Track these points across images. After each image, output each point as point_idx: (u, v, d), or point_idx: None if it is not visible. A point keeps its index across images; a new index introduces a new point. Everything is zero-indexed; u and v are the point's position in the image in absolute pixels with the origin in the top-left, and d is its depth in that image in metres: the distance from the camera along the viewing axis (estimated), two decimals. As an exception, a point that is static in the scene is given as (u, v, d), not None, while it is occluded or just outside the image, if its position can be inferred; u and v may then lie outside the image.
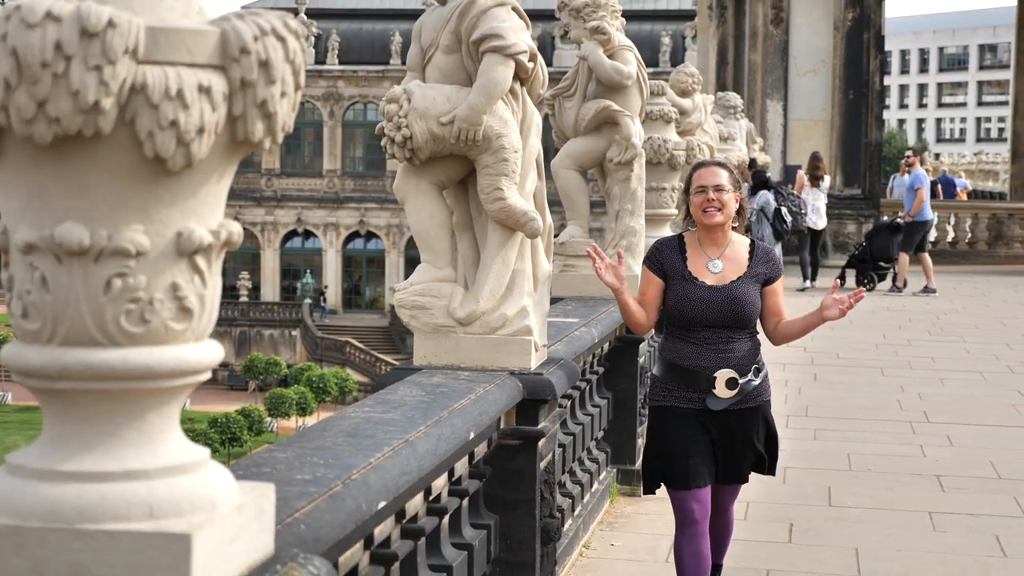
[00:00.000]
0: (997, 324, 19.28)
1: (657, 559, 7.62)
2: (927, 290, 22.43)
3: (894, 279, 22.90)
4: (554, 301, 6.50)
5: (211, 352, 2.81)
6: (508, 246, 5.92)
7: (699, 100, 15.41)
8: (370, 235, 75.59)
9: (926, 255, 22.78)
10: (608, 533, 8.18)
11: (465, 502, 5.59)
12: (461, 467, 5.32)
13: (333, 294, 75.09)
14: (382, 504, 3.94)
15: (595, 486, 8.41)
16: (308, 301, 72.24)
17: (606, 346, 8.71)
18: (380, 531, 4.29)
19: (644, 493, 6.36)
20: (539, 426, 5.87)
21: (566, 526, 7.38)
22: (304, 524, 3.41)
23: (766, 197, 19.58)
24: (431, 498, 4.94)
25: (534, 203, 6.11)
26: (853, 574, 7.52)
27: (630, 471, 9.08)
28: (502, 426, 5.84)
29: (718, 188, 6.00)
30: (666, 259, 6.11)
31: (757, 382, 6.05)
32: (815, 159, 24.29)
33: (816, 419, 12.08)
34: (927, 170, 36.68)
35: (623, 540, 8.04)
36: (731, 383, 5.96)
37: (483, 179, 5.87)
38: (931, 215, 23.01)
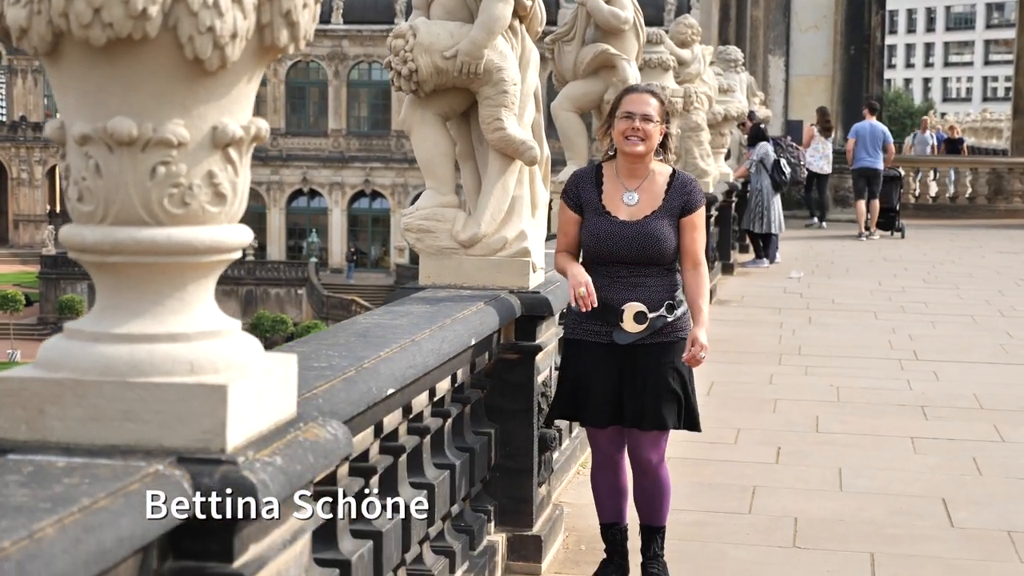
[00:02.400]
0: (991, 273, 19.68)
1: (650, 477, 8.04)
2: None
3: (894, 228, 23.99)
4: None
5: (242, 233, 3.22)
6: (508, 174, 6.32)
7: (698, 51, 15.76)
8: (375, 194, 75.96)
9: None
10: (604, 455, 8.60)
11: (467, 409, 6.01)
12: (463, 374, 5.74)
13: (338, 253, 75.44)
14: (391, 391, 4.35)
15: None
16: (314, 260, 72.62)
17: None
18: (389, 421, 4.71)
19: (544, 423, 6.37)
20: (536, 341, 6.28)
21: (564, 444, 7.80)
22: (321, 399, 3.83)
23: (765, 148, 19.92)
24: (436, 399, 5.35)
25: (532, 134, 6.51)
26: (834, 489, 7.95)
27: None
28: (502, 341, 6.26)
29: (645, 117, 5.83)
30: (582, 191, 5.95)
31: (670, 318, 5.86)
32: (825, 112, 25.28)
33: (808, 357, 12.50)
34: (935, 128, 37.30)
35: (618, 461, 8.47)
36: (639, 317, 5.79)
37: (484, 110, 6.26)
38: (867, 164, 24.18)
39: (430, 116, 6.37)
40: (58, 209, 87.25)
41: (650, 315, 5.83)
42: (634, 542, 6.28)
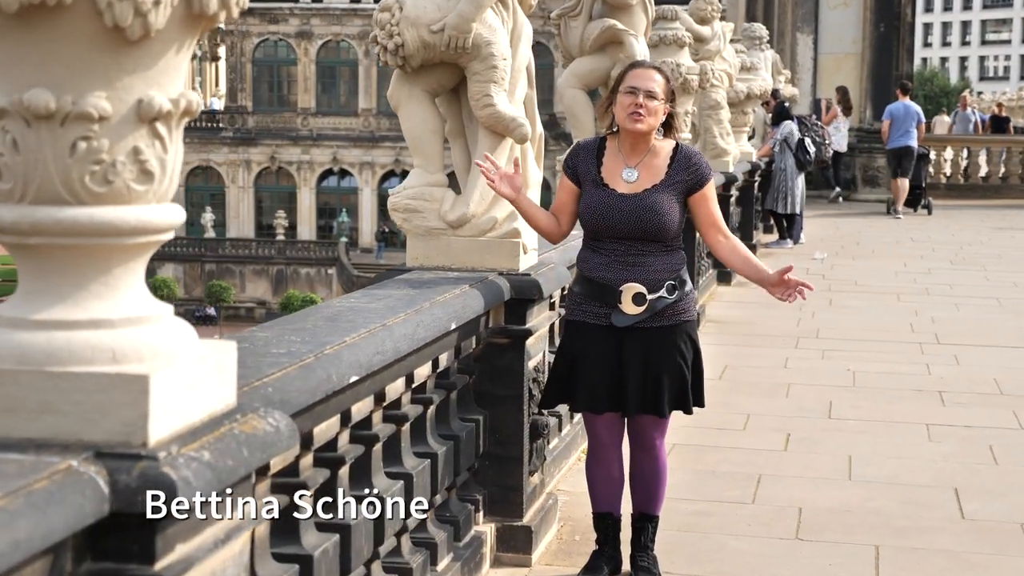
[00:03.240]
0: (1021, 255, 19.37)
1: (653, 464, 7.83)
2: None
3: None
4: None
5: (172, 214, 3.03)
6: (498, 151, 6.11)
7: (718, 28, 15.50)
8: (405, 174, 75.63)
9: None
10: (608, 441, 8.39)
11: (453, 395, 5.82)
12: (447, 359, 5.54)
13: (368, 232, 75.38)
14: (354, 378, 4.16)
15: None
16: (344, 240, 72.56)
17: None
18: (358, 409, 4.52)
19: (540, 407, 6.17)
20: (527, 325, 6.08)
21: (564, 430, 7.61)
22: (271, 388, 3.64)
23: (789, 127, 19.64)
24: (414, 386, 5.16)
25: (525, 111, 6.30)
26: (843, 478, 7.73)
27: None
28: (491, 325, 6.06)
29: (649, 94, 5.60)
30: (580, 163, 5.75)
31: (671, 299, 5.61)
32: (846, 92, 25.24)
33: (825, 340, 12.25)
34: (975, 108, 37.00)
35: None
36: (638, 299, 5.56)
37: (473, 86, 6.05)
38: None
39: (418, 92, 6.17)
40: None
41: (649, 296, 5.60)
42: (626, 533, 6.08)
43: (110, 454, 2.80)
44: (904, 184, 23.99)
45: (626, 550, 6.03)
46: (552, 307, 7.01)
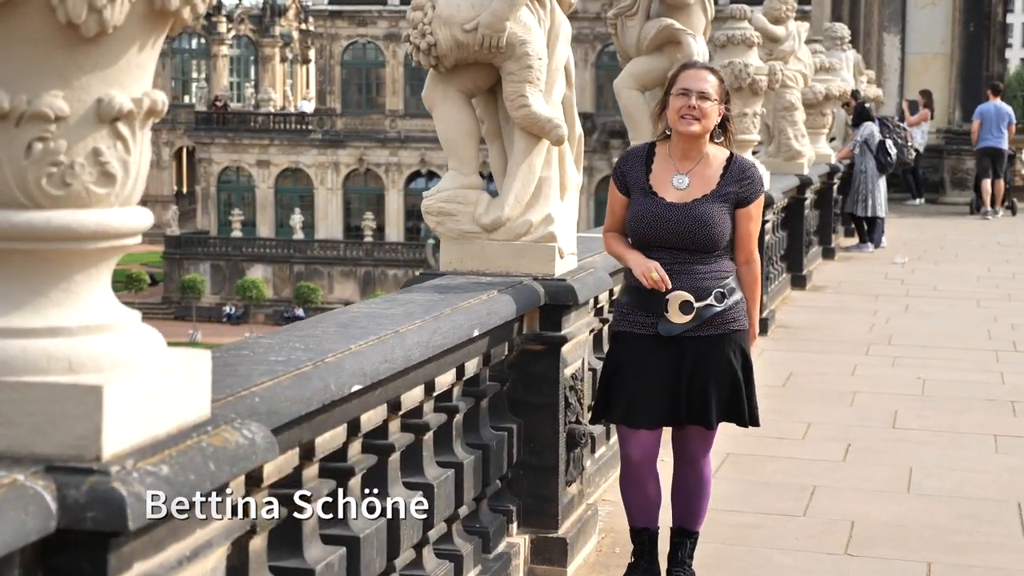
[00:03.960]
0: (1111, 259, 18.89)
1: (705, 474, 7.64)
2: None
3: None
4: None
5: (136, 218, 2.91)
6: (534, 153, 5.96)
7: (792, 27, 15.24)
8: (492, 176, 75.69)
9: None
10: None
11: (484, 403, 5.68)
12: (474, 367, 5.40)
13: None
14: (357, 387, 4.03)
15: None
16: (431, 241, 72.61)
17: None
18: (368, 418, 4.39)
19: (590, 422, 6.04)
20: (562, 331, 5.92)
21: (612, 439, 7.43)
22: (259, 397, 3.52)
23: (870, 129, 19.27)
24: (436, 394, 5.02)
25: (563, 111, 6.14)
26: (901, 490, 7.49)
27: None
28: (525, 331, 5.91)
29: (702, 95, 5.43)
30: (629, 170, 5.60)
31: (719, 308, 5.44)
32: (930, 94, 24.96)
33: (898, 347, 11.97)
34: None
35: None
36: (686, 307, 5.40)
37: (508, 86, 5.91)
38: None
39: (452, 93, 6.03)
40: (184, 190, 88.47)
41: (696, 304, 5.44)
42: (664, 546, 5.90)
43: (60, 468, 2.69)
44: (989, 185, 23.57)
45: (664, 564, 5.85)
46: (599, 312, 6.86)
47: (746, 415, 5.64)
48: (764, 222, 12.43)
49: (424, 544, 4.96)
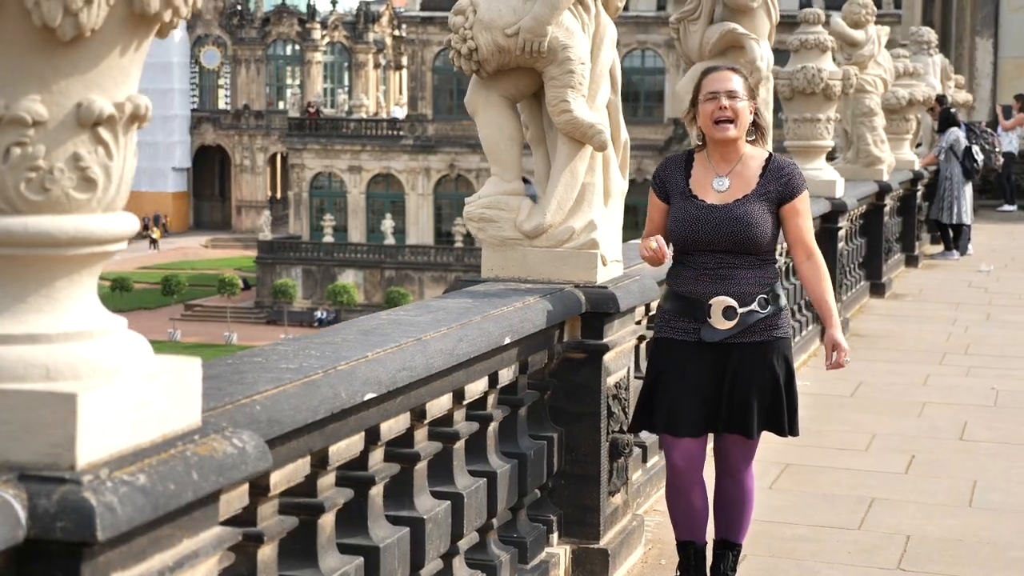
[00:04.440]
0: None
1: (761, 485, 7.47)
2: None
3: None
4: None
5: (120, 224, 2.87)
6: (577, 159, 5.88)
7: (872, 32, 15.01)
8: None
9: None
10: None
11: (522, 412, 5.61)
12: (510, 374, 5.33)
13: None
14: (371, 395, 3.98)
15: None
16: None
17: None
18: (389, 427, 4.34)
19: (628, 431, 5.94)
20: (604, 340, 5.83)
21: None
22: (260, 405, 3.48)
23: (956, 134, 18.95)
24: (467, 403, 4.96)
25: (608, 116, 6.06)
26: (962, 504, 7.32)
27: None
28: (566, 339, 5.84)
29: (731, 94, 5.36)
30: (668, 177, 5.53)
31: (763, 314, 5.35)
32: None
33: (974, 356, 11.73)
34: None
35: (732, 466, 7.93)
36: (729, 312, 5.31)
37: (550, 91, 5.83)
38: None
39: (495, 98, 5.97)
40: (279, 195, 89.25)
41: (740, 310, 5.35)
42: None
43: (33, 477, 2.66)
44: None
45: (706, 577, 5.75)
46: (645, 321, 6.76)
47: (786, 424, 5.50)
48: (837, 229, 12.24)
49: (454, 554, 4.90)
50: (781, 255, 8.47)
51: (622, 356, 6.07)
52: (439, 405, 4.70)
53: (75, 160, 2.78)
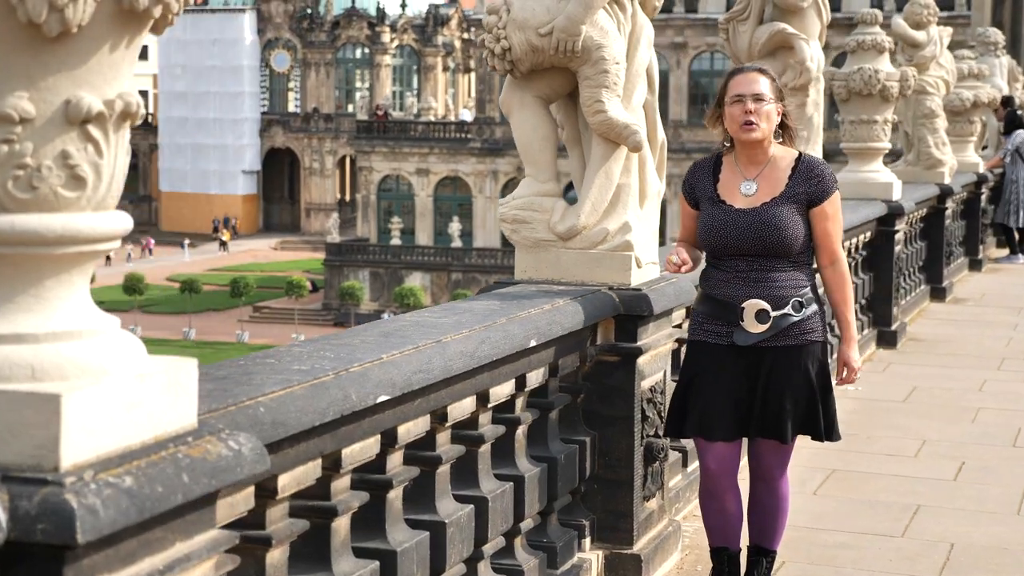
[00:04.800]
0: None
1: (804, 491, 7.40)
2: None
3: None
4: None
5: (112, 222, 2.84)
6: (612, 160, 5.81)
7: (934, 33, 14.81)
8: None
9: None
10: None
11: (553, 415, 5.55)
12: (538, 377, 5.27)
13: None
14: (383, 397, 3.93)
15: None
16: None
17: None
18: (407, 429, 4.29)
19: (664, 436, 5.87)
20: (638, 343, 5.76)
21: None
22: (264, 407, 3.43)
23: (1022, 137, 18.67)
24: (492, 405, 4.91)
25: (645, 116, 5.99)
26: (1010, 513, 7.17)
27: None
28: (599, 341, 5.77)
29: (757, 98, 5.27)
30: (697, 183, 5.46)
31: (797, 318, 5.26)
32: None
33: (1035, 362, 11.53)
34: None
35: (777, 471, 7.82)
36: (762, 316, 5.23)
37: (584, 91, 5.77)
38: None
39: (529, 98, 5.91)
40: (347, 198, 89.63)
41: (773, 313, 5.26)
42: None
43: (16, 478, 2.63)
44: None
45: (742, 584, 5.66)
46: (685, 324, 6.67)
47: (822, 429, 5.40)
48: (894, 232, 12.08)
49: (479, 559, 4.85)
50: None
51: (658, 359, 5.99)
52: (461, 408, 4.65)
53: (64, 158, 2.75)
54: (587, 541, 5.77)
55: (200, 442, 2.96)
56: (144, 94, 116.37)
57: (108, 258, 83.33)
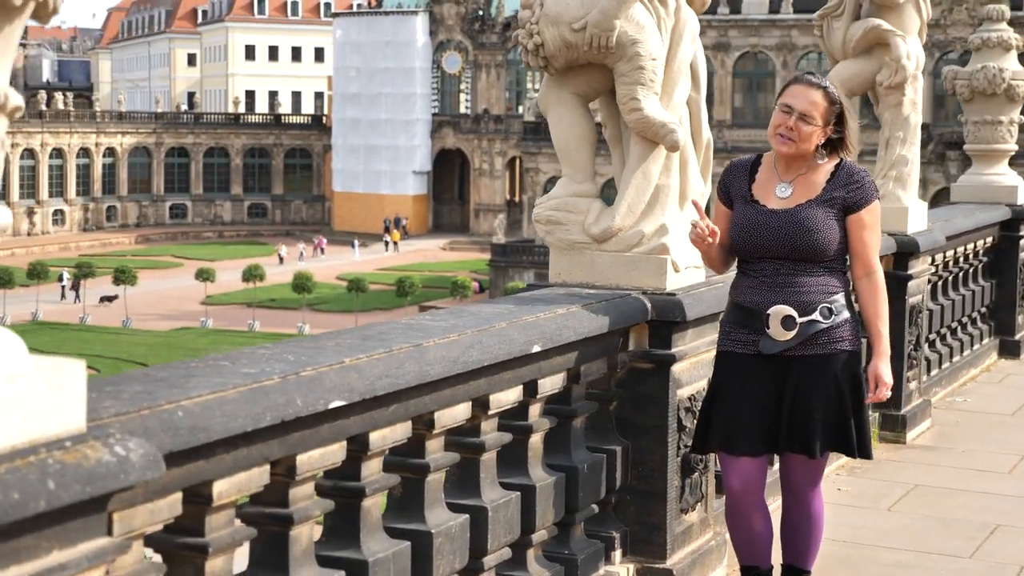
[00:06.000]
0: None
1: (878, 507, 7.10)
2: None
3: None
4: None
5: (-18, 218, 2.76)
6: (650, 160, 5.61)
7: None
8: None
9: None
10: (844, 478, 7.67)
11: (578, 423, 5.38)
12: (555, 383, 5.09)
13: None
14: (338, 403, 3.79)
15: (839, 428, 7.93)
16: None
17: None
18: (382, 436, 4.15)
19: (691, 451, 5.57)
20: (672, 350, 5.54)
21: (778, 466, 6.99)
22: (184, 412, 3.32)
23: None
24: (492, 412, 4.74)
25: (689, 114, 5.78)
26: (1095, 533, 6.77)
27: (894, 416, 8.53)
28: (631, 347, 5.57)
29: (803, 117, 5.00)
30: (733, 182, 5.21)
31: (824, 325, 5.00)
32: None
33: None
34: None
35: (856, 486, 7.52)
36: (788, 323, 4.97)
37: (620, 88, 5.58)
38: None
39: (567, 96, 5.74)
40: (516, 199, 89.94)
41: (800, 320, 5.01)
42: (776, 584, 5.45)
43: None
44: None
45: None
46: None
47: (855, 445, 5.13)
48: (1019, 238, 11.59)
49: (479, 570, 4.69)
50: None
51: (698, 367, 5.76)
52: (452, 414, 4.50)
53: (-73, 153, 2.67)
54: (617, 553, 5.58)
55: (81, 447, 2.86)
56: (319, 95, 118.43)
57: (280, 257, 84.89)
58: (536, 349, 4.78)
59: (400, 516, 4.43)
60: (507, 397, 4.81)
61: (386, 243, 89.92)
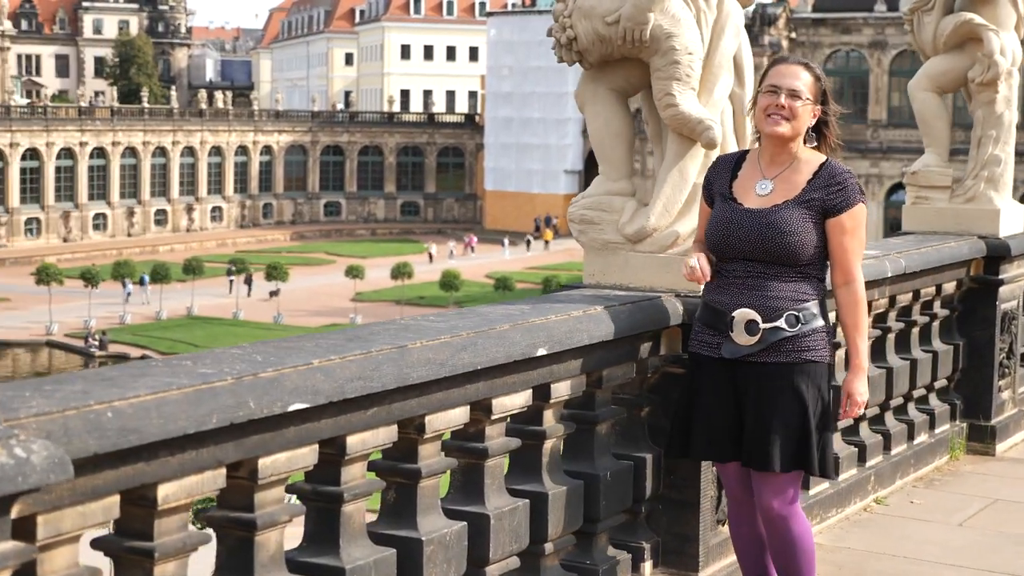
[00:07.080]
0: None
1: (950, 522, 6.80)
2: None
3: None
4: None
5: None
6: (688, 158, 5.42)
7: None
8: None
9: None
10: (921, 490, 7.37)
11: (602, 428, 5.21)
12: (571, 387, 4.93)
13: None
14: (298, 406, 3.68)
15: (919, 438, 7.63)
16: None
17: (950, 287, 7.92)
18: (362, 439, 4.03)
19: (666, 456, 5.34)
20: (706, 354, 5.34)
21: (846, 474, 6.74)
22: (114, 413, 3.23)
23: None
24: (496, 417, 4.59)
25: (732, 110, 5.57)
26: None
27: (983, 427, 8.18)
28: (662, 352, 5.38)
29: (792, 93, 4.74)
30: (715, 178, 4.96)
31: (789, 333, 4.73)
32: None
33: None
34: None
35: (931, 499, 7.22)
36: (751, 327, 4.73)
37: (655, 84, 5.39)
38: None
39: (603, 91, 5.56)
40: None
41: (763, 325, 4.75)
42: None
43: None
44: None
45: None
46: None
47: (815, 461, 4.82)
48: None
49: (480, 581, 4.55)
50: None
51: (737, 373, 5.54)
52: (447, 419, 4.36)
53: None
54: (647, 564, 5.40)
55: (-23, 448, 2.79)
56: (473, 95, 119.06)
57: (430, 255, 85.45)
58: (541, 352, 4.62)
59: (391, 522, 4.31)
60: (513, 401, 4.66)
61: (528, 242, 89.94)
